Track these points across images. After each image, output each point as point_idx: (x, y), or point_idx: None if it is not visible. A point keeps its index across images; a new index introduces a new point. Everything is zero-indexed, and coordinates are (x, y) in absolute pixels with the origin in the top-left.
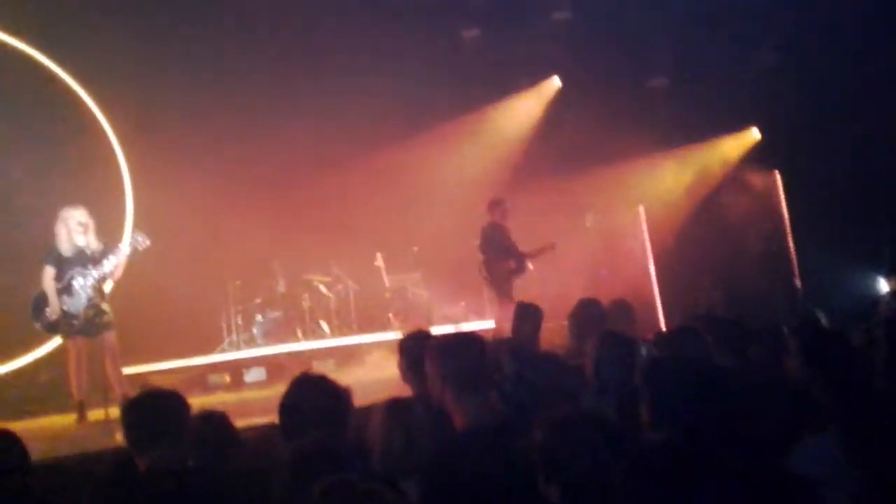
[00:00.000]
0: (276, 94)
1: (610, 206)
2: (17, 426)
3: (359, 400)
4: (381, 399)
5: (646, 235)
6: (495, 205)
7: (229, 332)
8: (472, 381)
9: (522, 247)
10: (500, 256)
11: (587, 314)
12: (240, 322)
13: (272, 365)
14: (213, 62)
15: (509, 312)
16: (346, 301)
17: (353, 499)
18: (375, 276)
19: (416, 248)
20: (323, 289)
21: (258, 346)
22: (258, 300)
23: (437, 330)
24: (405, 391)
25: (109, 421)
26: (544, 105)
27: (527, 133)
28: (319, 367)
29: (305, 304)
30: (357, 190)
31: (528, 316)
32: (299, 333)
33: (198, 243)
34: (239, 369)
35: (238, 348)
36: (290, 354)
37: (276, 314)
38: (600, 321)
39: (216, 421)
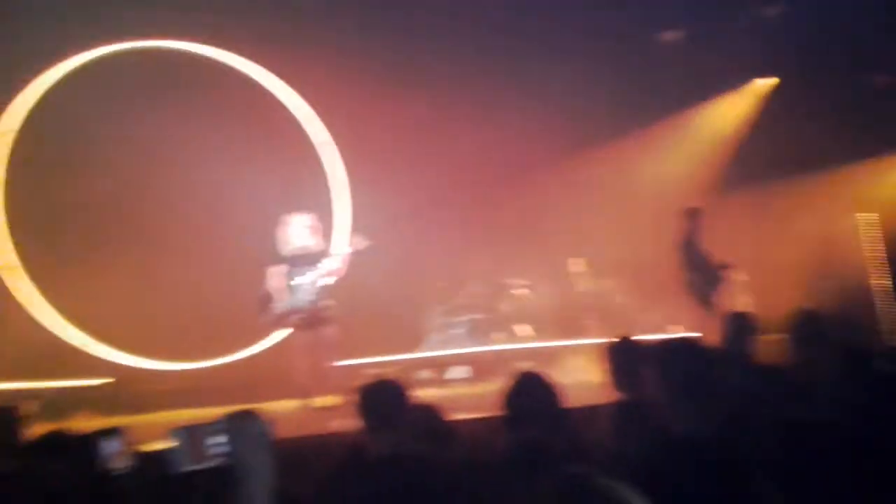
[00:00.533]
0: (479, 99)
1: (826, 211)
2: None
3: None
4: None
5: (868, 244)
6: (690, 214)
7: (434, 331)
8: (691, 388)
9: (725, 255)
10: (697, 265)
11: (808, 325)
12: (444, 321)
13: (474, 364)
14: (420, 72)
15: (714, 321)
16: (544, 305)
17: (593, 493)
18: (573, 281)
19: (615, 254)
20: (521, 293)
21: (461, 345)
22: (460, 301)
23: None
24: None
25: (328, 408)
26: (752, 106)
27: (733, 136)
28: (520, 368)
29: (504, 307)
30: (556, 194)
31: (740, 325)
32: (499, 335)
33: (406, 245)
34: (443, 367)
35: (442, 347)
36: (491, 354)
37: (476, 316)
38: (822, 333)
39: (432, 412)
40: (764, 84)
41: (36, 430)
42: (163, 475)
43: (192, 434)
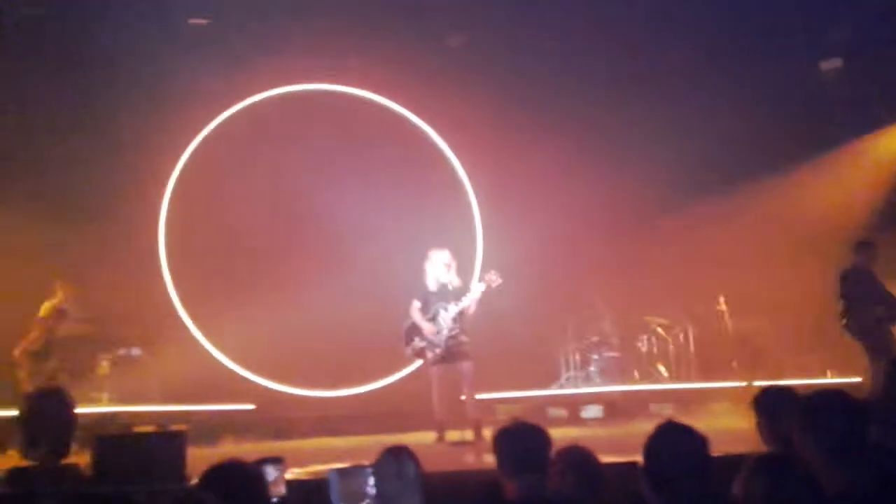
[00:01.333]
0: (616, 137)
1: None
2: (383, 439)
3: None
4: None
5: None
6: (863, 247)
7: (567, 368)
8: (846, 448)
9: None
10: (867, 303)
11: None
12: (577, 359)
13: (609, 404)
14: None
15: (880, 366)
16: (686, 345)
17: None
18: (718, 320)
19: (763, 292)
20: (661, 331)
21: (595, 384)
22: (595, 338)
23: (787, 382)
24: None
25: (465, 443)
26: None
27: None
28: (658, 411)
29: (642, 345)
30: (702, 230)
31: None
32: (636, 375)
33: (541, 282)
34: (576, 405)
35: (575, 385)
36: (626, 394)
37: (612, 354)
38: None
39: (582, 455)
40: None
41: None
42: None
43: (348, 476)
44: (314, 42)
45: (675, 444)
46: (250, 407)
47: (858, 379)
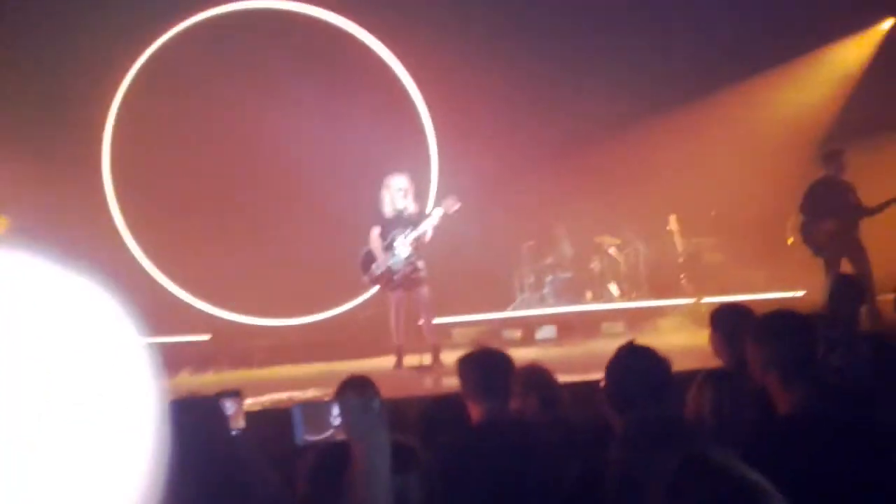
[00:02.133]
0: (570, 53)
1: None
2: (342, 366)
3: None
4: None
5: None
6: (831, 156)
7: (521, 291)
8: (801, 366)
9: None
10: (823, 217)
11: None
12: (532, 282)
13: (562, 324)
14: (508, 36)
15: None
16: (637, 264)
17: (714, 476)
18: (668, 239)
19: (713, 212)
20: (613, 251)
21: (549, 305)
22: (549, 261)
23: (735, 298)
24: (703, 361)
25: (424, 367)
26: (875, 49)
27: (854, 82)
28: (609, 330)
29: (595, 266)
30: (651, 148)
31: (847, 291)
32: (588, 295)
33: (495, 206)
34: (531, 326)
35: (530, 306)
36: (579, 314)
37: (566, 275)
38: None
39: (541, 375)
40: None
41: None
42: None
43: (312, 409)
44: None
45: (637, 365)
46: (206, 337)
47: (801, 293)
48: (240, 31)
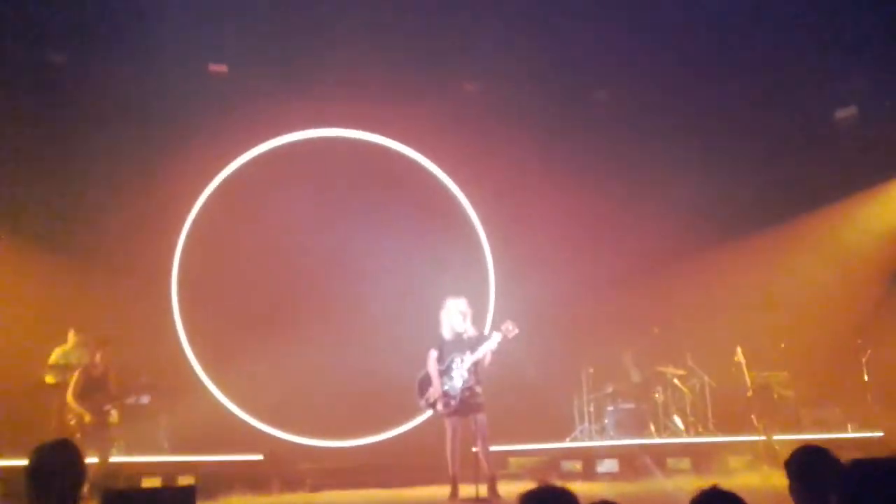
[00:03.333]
0: (633, 186)
1: None
2: (394, 494)
3: None
4: None
5: None
6: None
7: (581, 420)
8: None
9: None
10: None
11: None
12: (592, 410)
13: (624, 457)
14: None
15: None
16: (702, 397)
17: None
18: (735, 371)
19: (783, 345)
20: (677, 382)
21: (609, 436)
22: (610, 389)
23: (808, 437)
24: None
25: (479, 499)
26: None
27: None
28: (675, 466)
29: (658, 397)
30: (719, 280)
31: None
32: (652, 427)
33: (555, 332)
34: (591, 458)
35: (590, 437)
36: (643, 448)
37: (628, 405)
38: None
39: None
40: None
41: None
42: None
43: None
44: (331, 89)
45: None
46: (259, 457)
47: (880, 433)
48: (307, 154)
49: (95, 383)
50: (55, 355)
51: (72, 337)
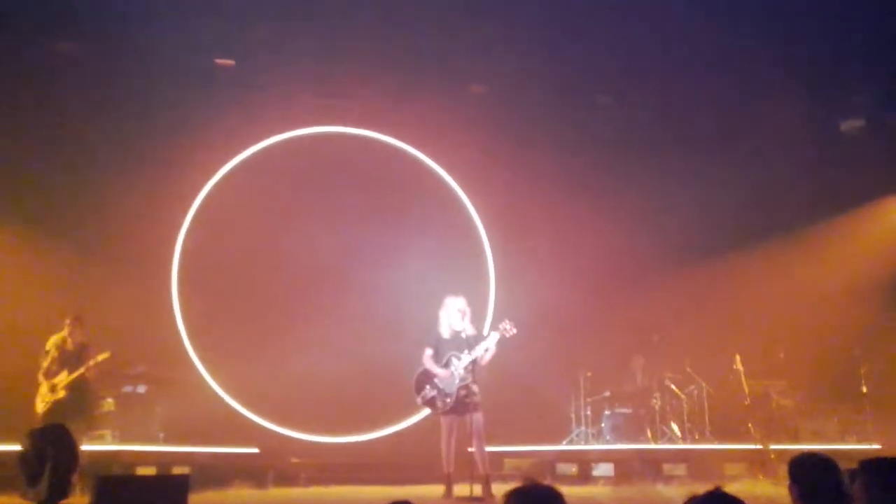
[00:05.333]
0: (635, 192)
1: None
2: (388, 491)
3: None
4: None
5: None
6: None
7: (578, 424)
8: None
9: None
10: None
11: None
12: (588, 414)
13: (620, 462)
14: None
15: None
16: (700, 404)
17: None
18: (734, 380)
19: (782, 354)
20: (675, 388)
21: (606, 441)
22: (607, 393)
23: (805, 447)
24: None
25: (473, 498)
26: None
27: None
28: (670, 472)
29: (656, 403)
30: (719, 289)
31: None
32: (648, 433)
33: (555, 334)
34: (587, 462)
35: (586, 441)
36: (639, 454)
37: (625, 410)
38: None
39: None
40: None
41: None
42: None
43: None
44: (335, 86)
45: None
46: (254, 450)
47: (877, 446)
48: (308, 151)
49: (69, 358)
50: (51, 342)
51: (68, 325)
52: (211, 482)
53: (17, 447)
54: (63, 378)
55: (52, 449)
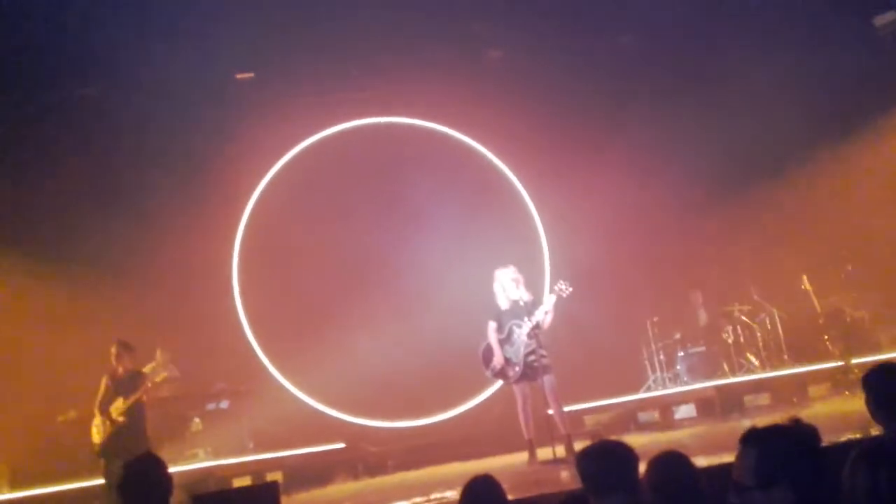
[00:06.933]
0: (676, 126)
1: None
2: (475, 466)
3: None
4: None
5: None
6: None
7: (653, 370)
8: None
9: None
10: None
11: None
12: (662, 359)
13: (701, 401)
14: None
15: None
16: (774, 330)
17: None
18: (804, 300)
19: (850, 266)
20: (745, 318)
21: (684, 382)
22: (678, 336)
23: (888, 356)
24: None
25: (557, 460)
26: None
27: None
28: (753, 402)
29: (728, 336)
30: (776, 211)
31: None
32: (725, 367)
33: (614, 284)
34: (668, 406)
35: (664, 385)
36: (719, 389)
37: (698, 349)
38: None
39: (676, 463)
40: None
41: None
42: None
43: None
44: (359, 81)
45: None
46: (341, 445)
47: None
48: (348, 147)
49: (122, 385)
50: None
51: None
52: (305, 482)
53: (87, 482)
54: (120, 405)
55: (147, 476)
